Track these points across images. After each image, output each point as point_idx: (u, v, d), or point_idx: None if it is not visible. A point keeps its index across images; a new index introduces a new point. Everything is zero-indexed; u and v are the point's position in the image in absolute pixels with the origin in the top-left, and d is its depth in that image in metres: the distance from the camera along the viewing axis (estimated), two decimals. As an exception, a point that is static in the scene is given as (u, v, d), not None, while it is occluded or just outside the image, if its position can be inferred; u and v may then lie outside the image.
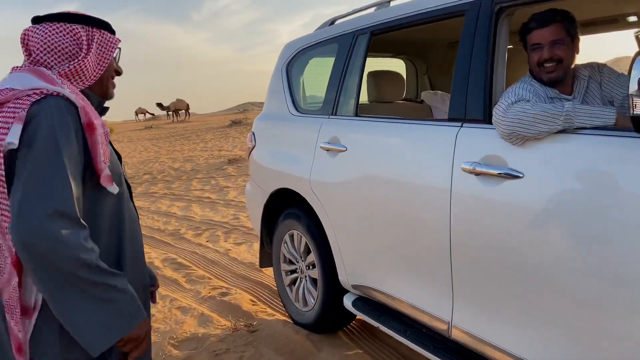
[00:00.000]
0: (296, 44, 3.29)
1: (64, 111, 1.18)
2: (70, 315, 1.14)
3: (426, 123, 2.14)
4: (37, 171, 1.11)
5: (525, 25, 1.89)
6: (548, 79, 1.85)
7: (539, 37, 1.83)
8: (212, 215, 6.66)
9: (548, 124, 1.59)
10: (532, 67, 1.89)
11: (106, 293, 1.17)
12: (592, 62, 1.97)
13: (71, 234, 1.11)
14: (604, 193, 1.46)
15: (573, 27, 1.84)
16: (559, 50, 1.82)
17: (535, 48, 1.85)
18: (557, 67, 1.83)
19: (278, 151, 3.15)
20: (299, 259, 3.04)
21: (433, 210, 2.01)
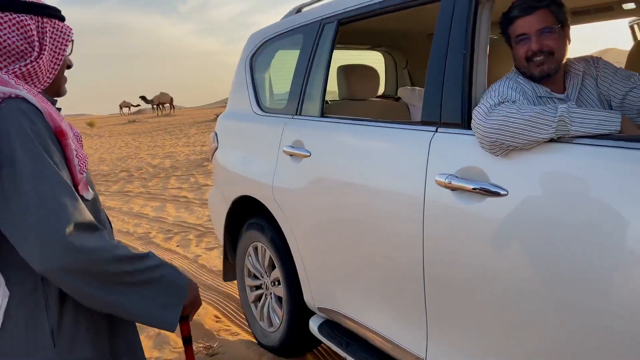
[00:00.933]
0: (260, 34, 2.97)
1: (30, 115, 1.05)
2: (132, 307, 1.13)
3: (396, 126, 1.85)
4: (39, 188, 1.01)
5: (506, 15, 1.61)
6: (539, 74, 1.57)
7: (524, 26, 1.55)
8: (187, 216, 6.34)
9: (538, 132, 1.30)
10: (519, 62, 1.61)
11: (153, 273, 1.16)
12: (587, 56, 1.69)
13: (98, 239, 1.07)
14: (605, 218, 1.18)
15: (562, 12, 1.56)
16: (549, 39, 1.54)
17: (521, 39, 1.57)
18: (548, 59, 1.55)
19: (240, 154, 2.85)
20: (264, 274, 2.75)
21: (403, 229, 1.72)
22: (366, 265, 1.96)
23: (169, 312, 1.18)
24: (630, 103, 1.56)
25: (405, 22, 3.03)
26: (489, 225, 1.43)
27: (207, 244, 5.05)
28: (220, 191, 3.05)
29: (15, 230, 1.01)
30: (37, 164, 1.02)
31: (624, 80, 1.60)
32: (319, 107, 2.31)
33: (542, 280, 1.32)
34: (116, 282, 1.10)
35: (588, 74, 1.64)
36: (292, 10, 2.84)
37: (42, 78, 1.15)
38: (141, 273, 1.14)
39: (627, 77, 1.60)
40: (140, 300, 1.14)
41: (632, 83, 1.58)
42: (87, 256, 1.03)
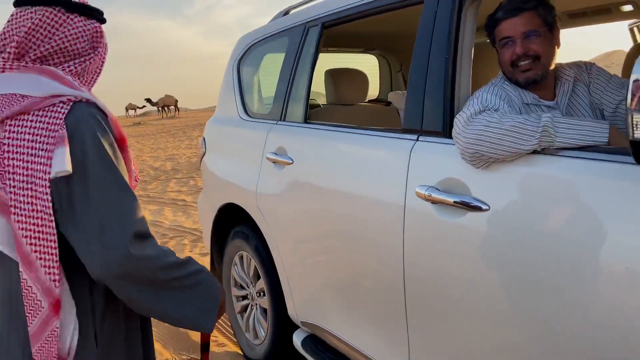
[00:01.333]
0: (248, 38, 2.90)
1: (100, 121, 1.09)
2: (175, 312, 1.15)
3: (377, 134, 1.76)
4: (105, 195, 1.05)
5: (491, 17, 1.52)
6: (525, 80, 1.48)
7: (509, 28, 1.46)
8: (184, 220, 6.28)
9: (519, 143, 1.21)
10: (504, 66, 1.52)
11: (195, 278, 1.19)
12: (579, 61, 1.60)
13: (153, 248, 1.10)
14: (591, 236, 1.09)
15: (550, 14, 1.47)
16: (535, 43, 1.45)
17: (506, 43, 1.48)
18: (534, 64, 1.46)
19: (226, 160, 2.77)
20: (250, 284, 2.67)
21: (384, 242, 1.63)
22: (347, 278, 1.87)
23: (207, 316, 1.21)
24: (623, 113, 1.46)
25: (398, 25, 2.94)
26: (469, 241, 1.34)
27: (201, 249, 4.98)
28: (208, 197, 2.97)
29: (78, 234, 1.04)
30: (107, 171, 1.06)
31: (618, 89, 1.50)
32: (303, 112, 2.22)
33: (524, 299, 1.22)
34: (164, 288, 1.14)
35: (580, 80, 1.54)
36: (280, 12, 2.76)
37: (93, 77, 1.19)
38: (185, 279, 1.17)
39: (621, 85, 1.50)
40: (183, 304, 1.17)
41: (625, 91, 1.48)
42: (144, 264, 1.07)
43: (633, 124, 0.85)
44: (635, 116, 0.84)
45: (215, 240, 2.94)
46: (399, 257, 1.57)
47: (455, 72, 1.51)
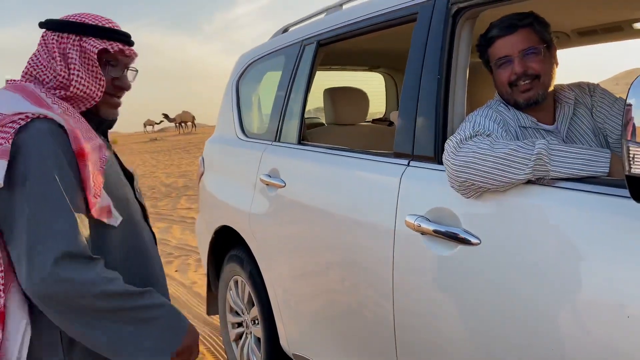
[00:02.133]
0: (247, 56, 2.84)
1: (52, 137, 1.06)
2: (118, 347, 1.07)
3: (369, 157, 1.67)
4: (38, 212, 1.01)
5: (484, 37, 1.42)
6: (525, 100, 1.37)
7: (506, 47, 1.36)
8: (191, 238, 6.22)
9: (511, 173, 1.11)
10: (502, 88, 1.41)
11: (144, 313, 1.10)
12: (582, 82, 1.49)
13: (87, 271, 1.03)
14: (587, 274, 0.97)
15: (546, 31, 1.37)
16: (534, 61, 1.34)
17: (503, 63, 1.38)
18: (533, 83, 1.36)
19: (223, 181, 2.70)
20: (244, 311, 2.57)
21: (374, 272, 1.53)
22: (338, 308, 1.77)
23: (158, 353, 1.10)
24: None
25: (401, 43, 2.86)
26: (459, 276, 1.23)
27: (205, 269, 4.90)
28: (205, 219, 2.90)
29: (12, 249, 1.03)
30: (44, 186, 1.02)
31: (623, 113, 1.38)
32: (297, 133, 2.14)
33: (517, 336, 1.10)
34: (106, 318, 1.06)
35: (582, 103, 1.43)
36: (279, 30, 2.71)
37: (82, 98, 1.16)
38: (135, 311, 1.09)
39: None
40: (127, 340, 1.08)
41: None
42: (72, 288, 1.01)
43: (629, 157, 0.74)
44: (632, 148, 0.73)
45: (211, 263, 2.85)
46: (389, 288, 1.47)
47: (448, 94, 1.42)
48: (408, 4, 1.59)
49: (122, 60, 1.24)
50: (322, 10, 2.29)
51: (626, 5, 2.03)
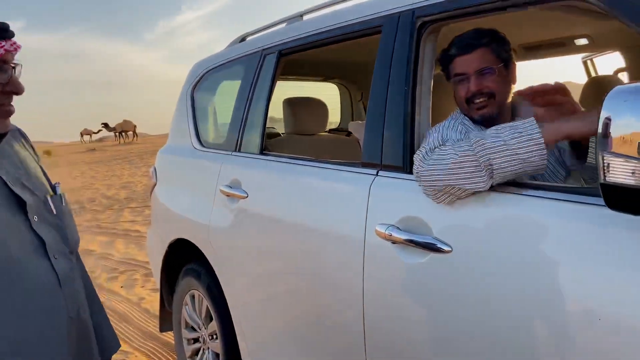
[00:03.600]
0: (203, 64, 2.79)
1: None
2: None
3: (336, 168, 1.67)
4: None
5: (445, 52, 1.48)
6: (479, 117, 1.43)
7: (463, 65, 1.43)
8: (136, 252, 5.98)
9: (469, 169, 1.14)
10: (460, 103, 1.48)
11: None
12: None
13: None
14: (559, 281, 1.01)
15: (505, 50, 1.44)
16: (489, 81, 1.41)
17: (461, 80, 1.44)
18: (489, 101, 1.42)
19: (178, 192, 2.61)
20: (202, 326, 2.49)
21: (343, 283, 1.52)
22: (304, 320, 1.75)
23: None
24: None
25: (358, 55, 2.91)
26: (431, 285, 1.25)
27: (154, 284, 4.71)
28: (158, 232, 2.79)
29: None
30: None
31: None
32: (259, 143, 2.12)
33: (487, 347, 1.13)
34: None
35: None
36: (236, 38, 2.67)
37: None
38: None
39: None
40: None
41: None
42: None
43: (604, 166, 0.78)
44: (606, 157, 0.77)
45: (165, 278, 2.75)
46: (359, 298, 1.47)
47: (415, 104, 1.45)
48: (373, 16, 1.62)
49: (9, 60, 1.04)
50: (283, 20, 2.29)
51: (568, 23, 2.16)
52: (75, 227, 1.24)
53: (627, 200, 0.76)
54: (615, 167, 0.75)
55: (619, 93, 0.75)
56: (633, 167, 0.73)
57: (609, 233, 0.94)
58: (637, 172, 0.73)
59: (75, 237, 1.23)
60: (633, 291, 0.88)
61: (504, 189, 1.17)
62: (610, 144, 0.78)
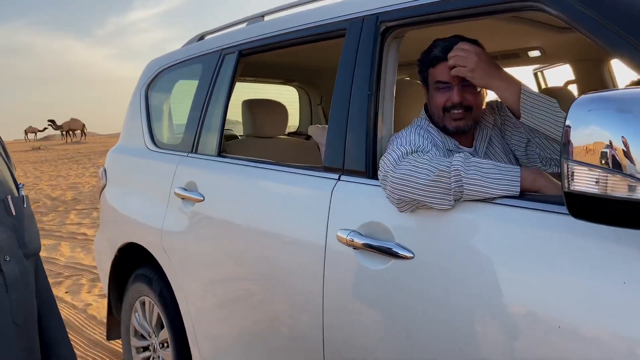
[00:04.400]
0: (158, 62, 2.70)
1: None
2: None
3: (297, 171, 1.64)
4: None
5: (428, 54, 1.43)
6: (454, 128, 1.41)
7: (448, 72, 1.37)
8: (83, 256, 5.72)
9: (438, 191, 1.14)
10: (435, 110, 1.44)
11: None
12: (489, 101, 1.58)
13: None
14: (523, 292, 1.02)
15: None
16: (470, 94, 1.39)
17: (442, 87, 1.40)
18: (466, 114, 1.40)
19: (130, 194, 2.51)
20: (152, 334, 2.39)
21: (302, 288, 1.49)
22: (262, 326, 1.70)
23: None
24: (533, 153, 1.44)
25: (318, 58, 2.90)
26: (392, 291, 1.24)
27: (100, 289, 4.52)
28: (106, 235, 2.67)
29: None
30: None
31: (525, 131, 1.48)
32: (217, 145, 2.06)
33: (449, 352, 1.13)
34: None
35: (490, 122, 1.52)
36: (194, 37, 2.60)
37: None
38: None
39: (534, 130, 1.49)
40: None
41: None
42: None
43: (568, 174, 0.79)
44: (571, 164, 0.78)
45: (113, 284, 2.63)
46: (318, 305, 1.44)
47: (377, 110, 1.44)
48: (337, 19, 1.60)
49: None
50: (243, 20, 2.24)
51: (523, 35, 2.23)
52: (37, 232, 1.17)
53: (590, 208, 0.77)
54: (580, 175, 0.76)
55: (584, 102, 0.76)
56: (597, 176, 0.74)
57: (567, 239, 0.96)
58: (600, 180, 0.74)
59: (35, 242, 1.15)
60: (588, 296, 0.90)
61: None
62: (571, 152, 0.79)
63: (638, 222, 0.73)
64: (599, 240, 0.90)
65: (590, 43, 2.37)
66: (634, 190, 0.71)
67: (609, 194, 0.74)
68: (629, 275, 0.85)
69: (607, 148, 0.75)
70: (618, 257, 0.87)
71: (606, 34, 0.98)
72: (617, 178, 0.73)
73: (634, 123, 0.72)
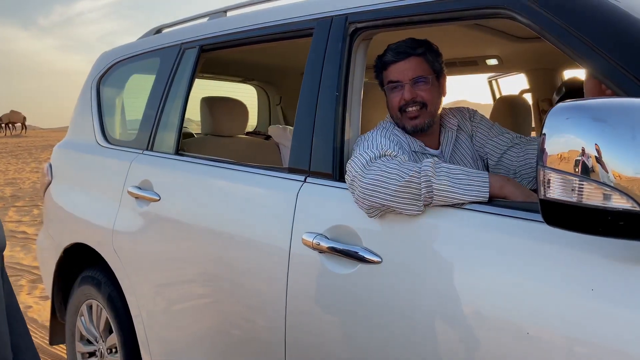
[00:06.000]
0: (112, 54, 2.57)
1: None
2: None
3: (261, 172, 1.59)
4: None
5: (380, 59, 1.46)
6: (412, 127, 1.42)
7: (398, 72, 1.42)
8: (22, 256, 5.40)
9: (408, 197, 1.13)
10: (393, 111, 1.46)
11: None
12: (462, 107, 1.61)
13: None
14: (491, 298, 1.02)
15: (438, 61, 1.46)
16: (422, 90, 1.41)
17: (395, 87, 1.43)
18: (421, 111, 1.42)
19: (78, 192, 2.37)
20: (99, 339, 2.27)
21: (264, 295, 1.45)
22: (221, 334, 1.64)
23: None
24: (507, 164, 1.47)
25: (278, 57, 2.86)
26: (359, 295, 1.22)
27: (42, 291, 4.28)
28: (51, 235, 2.52)
29: None
30: None
31: (500, 138, 1.52)
32: (174, 142, 1.98)
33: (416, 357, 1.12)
34: None
35: (463, 129, 1.54)
36: (150, 30, 2.50)
37: None
38: None
39: (501, 134, 1.52)
40: None
41: (509, 142, 1.50)
42: None
43: (544, 181, 0.79)
44: (547, 172, 0.78)
45: (58, 286, 2.48)
46: (281, 308, 1.40)
47: (345, 111, 1.42)
48: (305, 18, 1.57)
49: None
50: (204, 15, 2.17)
51: (482, 44, 2.28)
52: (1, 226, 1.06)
53: (565, 216, 0.77)
54: (555, 183, 0.77)
55: (561, 110, 0.76)
56: (573, 184, 0.75)
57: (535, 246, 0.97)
58: (576, 189, 0.75)
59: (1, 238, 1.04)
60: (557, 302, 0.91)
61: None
62: (545, 160, 0.80)
63: (612, 230, 0.74)
64: (567, 247, 0.92)
65: (545, 53, 2.46)
66: (609, 199, 0.72)
67: (584, 202, 0.74)
68: (596, 282, 0.87)
69: (581, 156, 0.76)
70: (586, 264, 0.89)
71: (574, 42, 1.00)
72: (592, 186, 0.73)
73: (608, 131, 0.73)
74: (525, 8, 1.08)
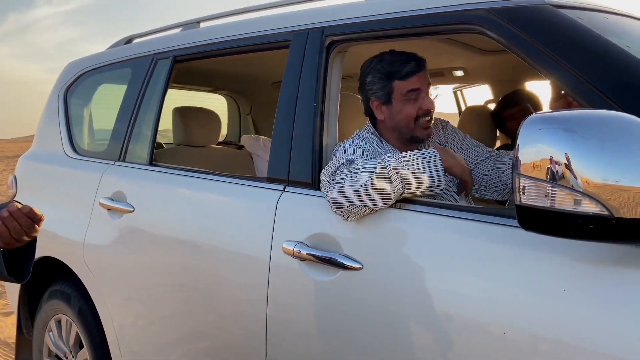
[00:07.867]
0: (80, 64, 2.53)
1: None
2: None
3: (238, 182, 1.60)
4: None
5: (397, 68, 1.42)
6: (425, 136, 1.46)
7: (420, 82, 1.41)
8: (-21, 272, 5.17)
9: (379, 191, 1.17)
10: (406, 121, 1.43)
11: None
12: (435, 119, 1.66)
13: None
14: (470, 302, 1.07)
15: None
16: (432, 101, 1.46)
17: (413, 97, 1.41)
18: (429, 122, 1.46)
19: (45, 204, 2.30)
20: (69, 355, 2.21)
21: (244, 305, 1.46)
22: (198, 343, 1.64)
23: None
24: (478, 176, 1.52)
25: (249, 67, 2.87)
26: (340, 302, 1.25)
27: (3, 307, 4.12)
28: (16, 249, 2.44)
29: None
30: None
31: (472, 150, 1.57)
32: (148, 153, 1.96)
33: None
34: None
35: (436, 140, 1.59)
36: (120, 40, 2.47)
37: None
38: None
39: (473, 147, 1.57)
40: None
41: (480, 155, 1.55)
42: None
43: (520, 188, 0.84)
44: (522, 180, 0.83)
45: (24, 301, 2.40)
46: (262, 317, 1.41)
47: (323, 121, 1.45)
48: (281, 30, 1.60)
49: None
50: (177, 25, 2.17)
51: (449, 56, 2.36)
52: None
53: (539, 221, 0.83)
54: (530, 190, 0.82)
55: (535, 121, 0.82)
56: (546, 191, 0.80)
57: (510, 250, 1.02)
58: (549, 195, 0.80)
59: None
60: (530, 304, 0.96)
61: (405, 206, 1.21)
62: (519, 167, 0.85)
63: (582, 233, 0.80)
64: (539, 249, 0.97)
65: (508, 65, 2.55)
66: (579, 204, 0.78)
67: (557, 207, 0.80)
68: (567, 282, 0.92)
69: (552, 163, 0.81)
70: (557, 266, 0.95)
71: (541, 56, 1.07)
72: (564, 192, 0.79)
73: (579, 141, 0.78)
74: (495, 24, 1.14)
